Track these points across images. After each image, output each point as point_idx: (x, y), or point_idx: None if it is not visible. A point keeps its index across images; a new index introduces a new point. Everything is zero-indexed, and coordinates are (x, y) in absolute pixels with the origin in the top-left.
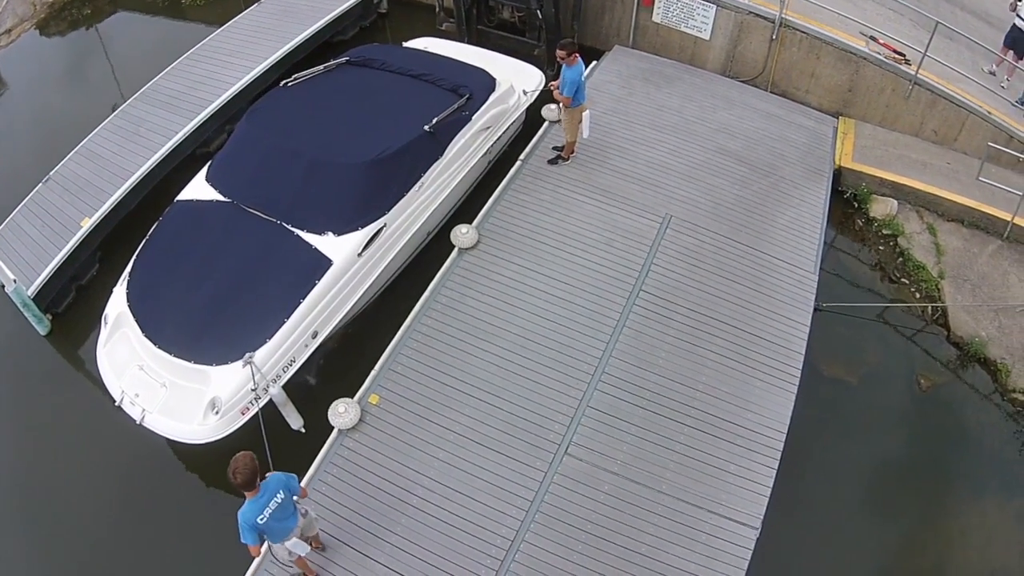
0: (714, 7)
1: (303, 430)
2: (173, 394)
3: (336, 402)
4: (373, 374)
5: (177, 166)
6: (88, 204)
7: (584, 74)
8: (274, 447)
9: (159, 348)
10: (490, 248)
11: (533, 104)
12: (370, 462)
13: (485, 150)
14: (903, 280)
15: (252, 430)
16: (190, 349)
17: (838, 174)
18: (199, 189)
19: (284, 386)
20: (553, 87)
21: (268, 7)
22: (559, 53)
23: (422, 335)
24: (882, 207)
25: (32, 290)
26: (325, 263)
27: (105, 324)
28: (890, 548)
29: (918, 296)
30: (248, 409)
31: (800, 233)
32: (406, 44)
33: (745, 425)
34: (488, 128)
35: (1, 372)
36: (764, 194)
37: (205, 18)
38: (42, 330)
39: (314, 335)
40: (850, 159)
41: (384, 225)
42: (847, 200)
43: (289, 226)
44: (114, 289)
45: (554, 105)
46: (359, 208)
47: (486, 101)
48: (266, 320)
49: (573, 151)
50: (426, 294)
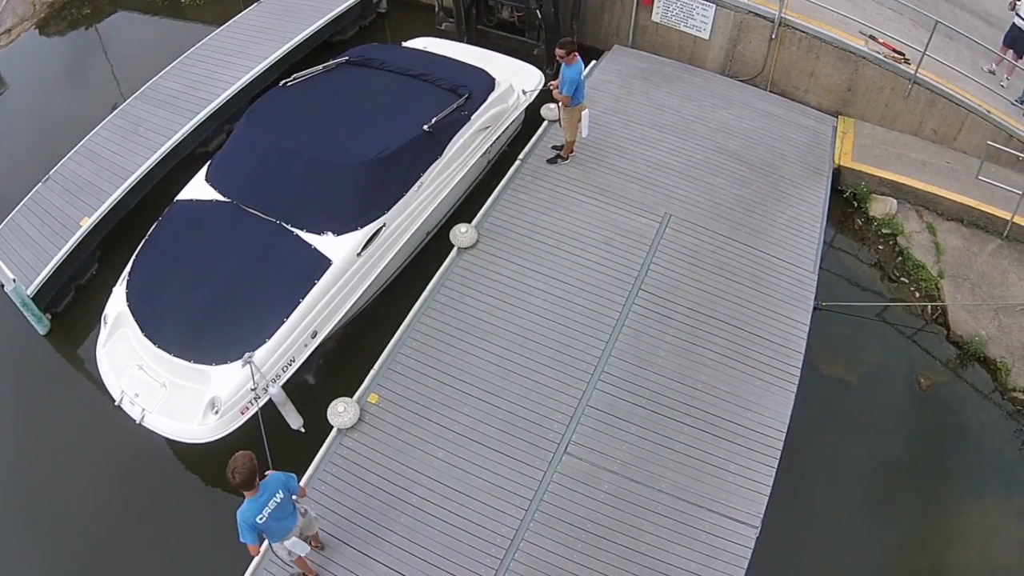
0: (713, 6)
1: (303, 430)
2: (173, 394)
3: (335, 401)
4: (372, 373)
5: (176, 166)
6: (87, 203)
7: (583, 73)
8: (273, 447)
9: (159, 348)
10: (489, 247)
11: (533, 104)
12: (369, 461)
13: (484, 150)
14: (903, 279)
15: (252, 430)
16: (190, 349)
17: (837, 173)
18: (198, 189)
19: (283, 386)
20: (552, 86)
21: (267, 7)
22: (558, 52)
23: (421, 334)
24: (881, 206)
25: (31, 289)
26: (324, 263)
27: (105, 324)
28: (890, 547)
29: (918, 295)
30: (248, 409)
31: (799, 232)
32: (405, 44)
33: (745, 424)
34: (487, 128)
35: (0, 372)
36: (763, 193)
37: (204, 18)
38: (41, 330)
39: (313, 335)
40: (849, 158)
41: (383, 225)
42: (846, 199)
43: (288, 226)
44: (114, 289)
45: (553, 104)
46: (358, 208)
47: (485, 101)
48: (265, 320)
49: (572, 150)
50: (425, 293)
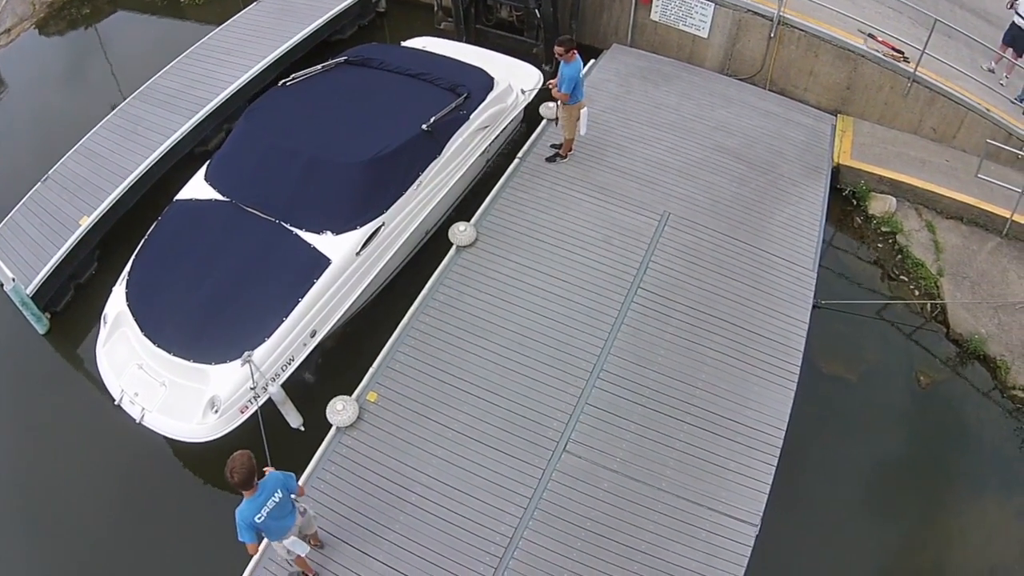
0: (712, 5)
1: (302, 428)
2: (172, 393)
3: (334, 400)
4: (371, 372)
5: (176, 165)
6: (87, 203)
7: (582, 71)
8: (273, 445)
9: (158, 347)
10: (488, 246)
11: (531, 103)
12: (368, 460)
13: (483, 149)
14: (902, 277)
15: (251, 429)
16: (189, 348)
17: (837, 172)
18: (198, 188)
19: (283, 384)
20: (551, 85)
21: (266, 6)
22: (557, 49)
23: (420, 333)
24: (881, 204)
25: (31, 289)
26: (323, 262)
27: (104, 323)
28: (889, 545)
29: (917, 293)
30: (247, 408)
31: (799, 230)
32: (404, 43)
33: (744, 422)
34: (486, 127)
35: (0, 371)
36: (762, 191)
37: (204, 17)
38: (41, 329)
39: (313, 334)
40: (849, 157)
41: (382, 224)
42: (846, 198)
43: (288, 225)
44: (113, 288)
45: (552, 103)
46: (357, 207)
47: (484, 100)
48: (265, 319)
49: (571, 149)
50: (424, 292)
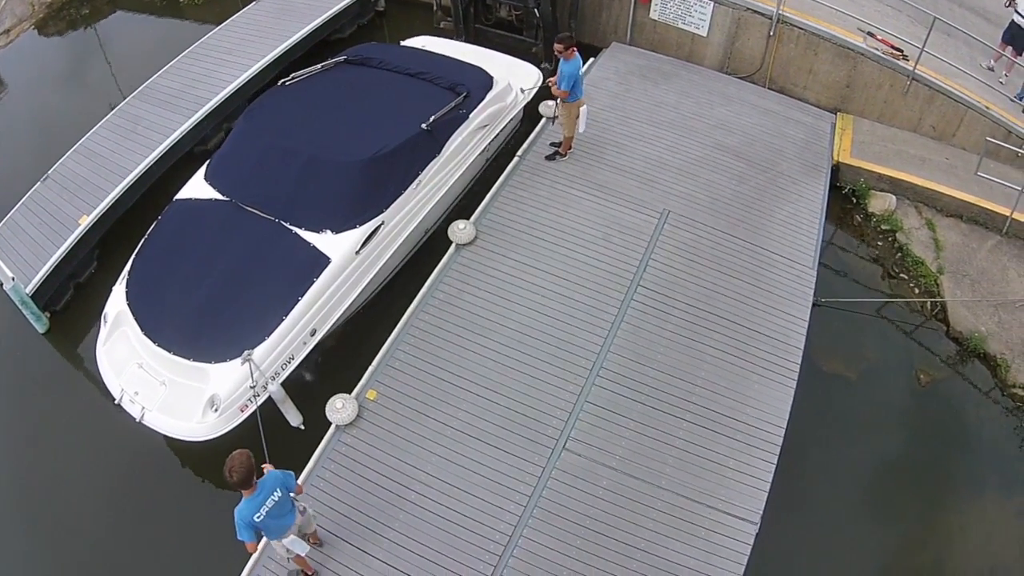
0: (711, 3)
1: (302, 427)
2: (172, 392)
3: (334, 398)
4: (371, 370)
5: (175, 164)
6: (86, 202)
7: (582, 68)
8: (272, 444)
9: (158, 346)
10: (487, 244)
11: (531, 102)
12: (368, 458)
13: (482, 148)
14: (902, 275)
15: (251, 427)
16: (189, 347)
17: (836, 170)
18: (197, 188)
19: (283, 383)
20: (551, 83)
21: (266, 5)
22: (557, 47)
23: (419, 331)
24: (880, 203)
25: (30, 288)
26: (323, 261)
27: (104, 322)
28: (889, 543)
29: (917, 291)
30: (247, 406)
31: (798, 228)
32: (404, 42)
33: (744, 420)
34: (485, 126)
35: (0, 371)
36: (762, 190)
37: (203, 17)
38: (40, 328)
39: (312, 332)
40: (848, 155)
41: (382, 223)
42: (845, 196)
43: (287, 224)
44: (113, 288)
45: (551, 102)
46: (357, 206)
47: (483, 99)
48: (265, 318)
49: (570, 147)
50: (423, 290)
